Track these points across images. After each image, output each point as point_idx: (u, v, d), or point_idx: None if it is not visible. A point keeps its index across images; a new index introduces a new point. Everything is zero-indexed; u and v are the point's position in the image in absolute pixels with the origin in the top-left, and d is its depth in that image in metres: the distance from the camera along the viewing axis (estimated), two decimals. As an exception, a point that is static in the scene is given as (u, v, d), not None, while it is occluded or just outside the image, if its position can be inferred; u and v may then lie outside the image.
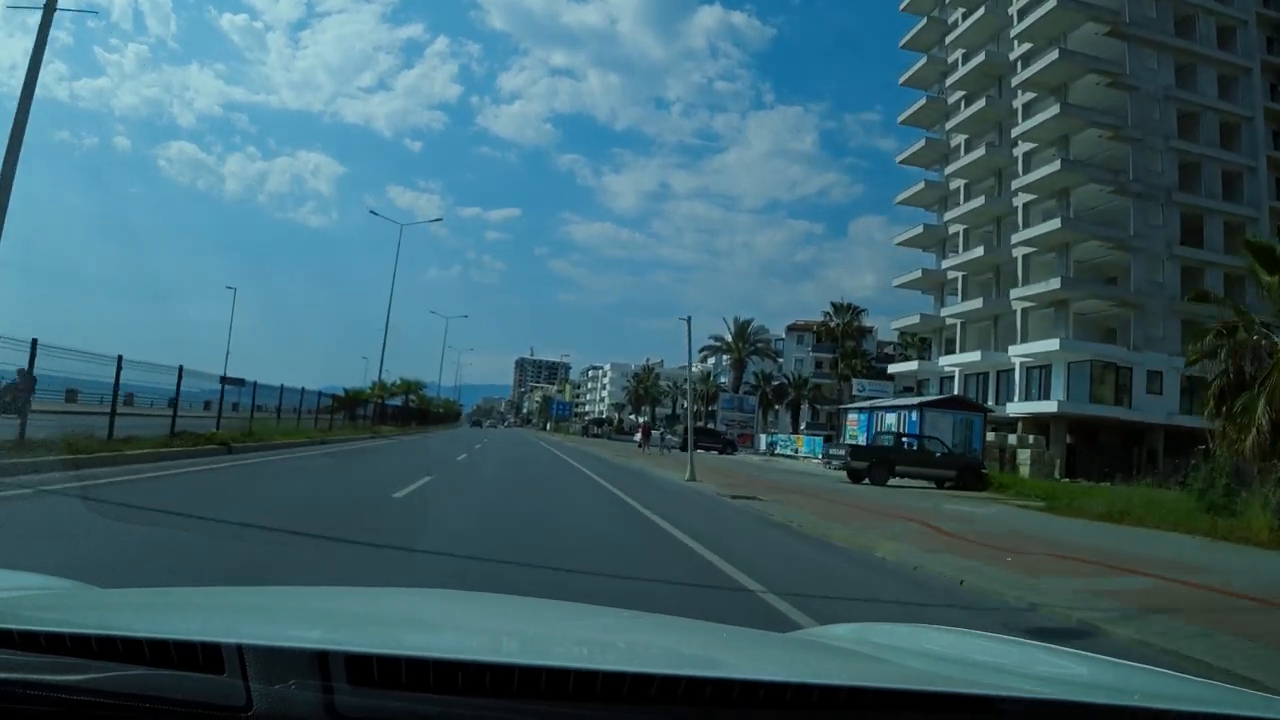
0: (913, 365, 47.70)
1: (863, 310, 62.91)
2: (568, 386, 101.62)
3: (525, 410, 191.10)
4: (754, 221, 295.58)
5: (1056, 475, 29.86)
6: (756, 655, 1.64)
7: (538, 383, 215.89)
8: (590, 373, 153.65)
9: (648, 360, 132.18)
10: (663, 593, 6.09)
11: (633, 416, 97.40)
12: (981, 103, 41.78)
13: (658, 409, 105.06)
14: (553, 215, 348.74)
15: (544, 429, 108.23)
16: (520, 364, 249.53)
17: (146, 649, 1.06)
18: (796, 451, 47.70)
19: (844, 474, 23.27)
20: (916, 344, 58.61)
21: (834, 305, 63.69)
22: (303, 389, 26.74)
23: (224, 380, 21.52)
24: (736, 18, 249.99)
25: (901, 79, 50.11)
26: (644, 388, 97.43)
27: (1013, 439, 32.86)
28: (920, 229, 47.45)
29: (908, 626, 2.32)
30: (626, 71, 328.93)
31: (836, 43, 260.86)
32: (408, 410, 50.91)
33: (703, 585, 6.38)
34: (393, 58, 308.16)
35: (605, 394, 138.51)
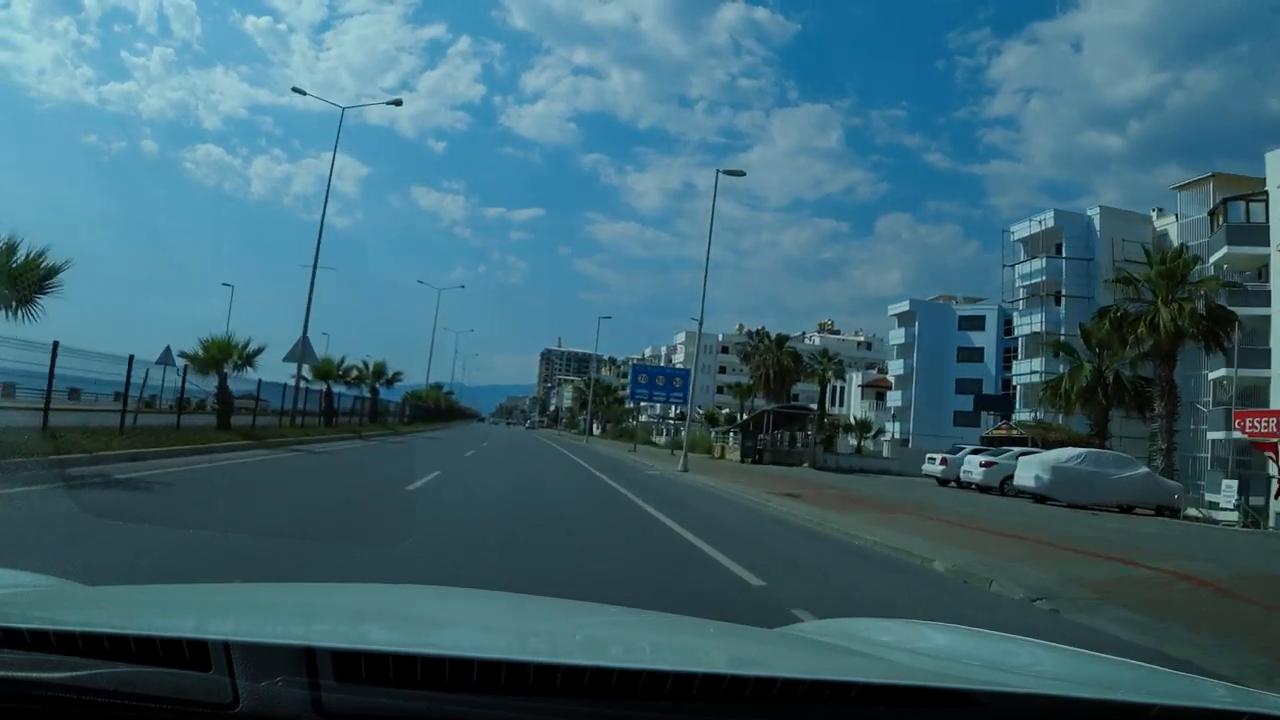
0: None
1: None
2: (610, 364, 58.61)
3: (554, 406, 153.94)
4: (779, 220, 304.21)
5: None
6: (746, 651, 1.61)
7: (566, 376, 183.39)
8: (648, 352, 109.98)
9: (740, 327, 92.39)
10: None
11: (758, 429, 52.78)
12: None
13: (794, 392, 61.06)
14: (577, 215, 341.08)
15: (594, 432, 63.44)
16: (546, 356, 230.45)
17: (133, 646, 1.03)
18: None
19: None
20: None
21: None
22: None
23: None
24: (760, 13, 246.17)
25: None
26: (789, 357, 52.84)
27: None
28: None
29: (894, 622, 2.32)
30: (649, 69, 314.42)
31: (862, 38, 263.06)
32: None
33: None
34: (415, 58, 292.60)
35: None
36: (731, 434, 40.45)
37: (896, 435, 61.64)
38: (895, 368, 64.91)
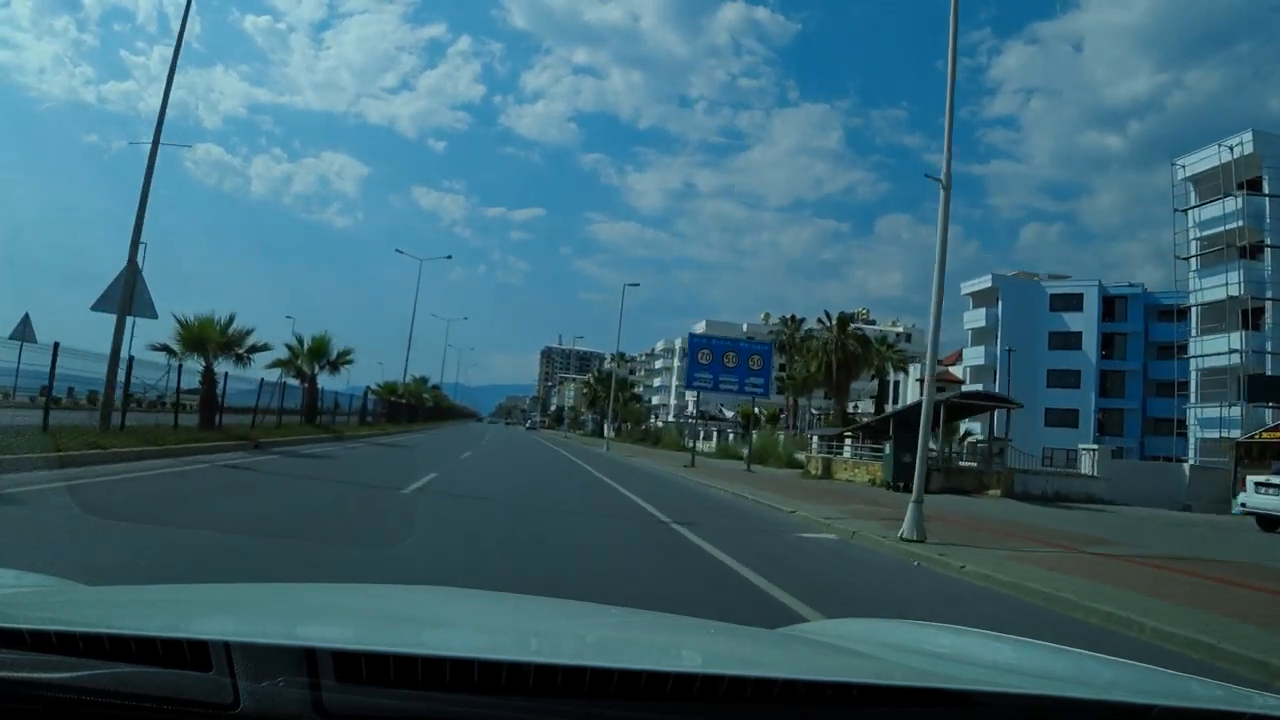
0: None
1: None
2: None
3: (555, 405, 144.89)
4: (779, 220, 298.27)
5: None
6: (747, 651, 1.61)
7: (568, 374, 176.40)
8: (659, 346, 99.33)
9: (766, 316, 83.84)
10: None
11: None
12: None
13: (852, 385, 50.84)
14: (577, 215, 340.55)
15: (610, 432, 52.75)
16: (547, 354, 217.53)
17: (134, 646, 1.03)
18: None
19: None
20: None
21: None
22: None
23: None
24: (760, 13, 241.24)
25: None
26: (854, 342, 42.47)
27: None
28: None
29: (895, 623, 2.37)
30: (649, 69, 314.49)
31: (862, 38, 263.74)
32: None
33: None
34: (415, 58, 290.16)
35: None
36: (817, 439, 29.36)
37: (978, 436, 51.12)
38: (972, 356, 53.95)
